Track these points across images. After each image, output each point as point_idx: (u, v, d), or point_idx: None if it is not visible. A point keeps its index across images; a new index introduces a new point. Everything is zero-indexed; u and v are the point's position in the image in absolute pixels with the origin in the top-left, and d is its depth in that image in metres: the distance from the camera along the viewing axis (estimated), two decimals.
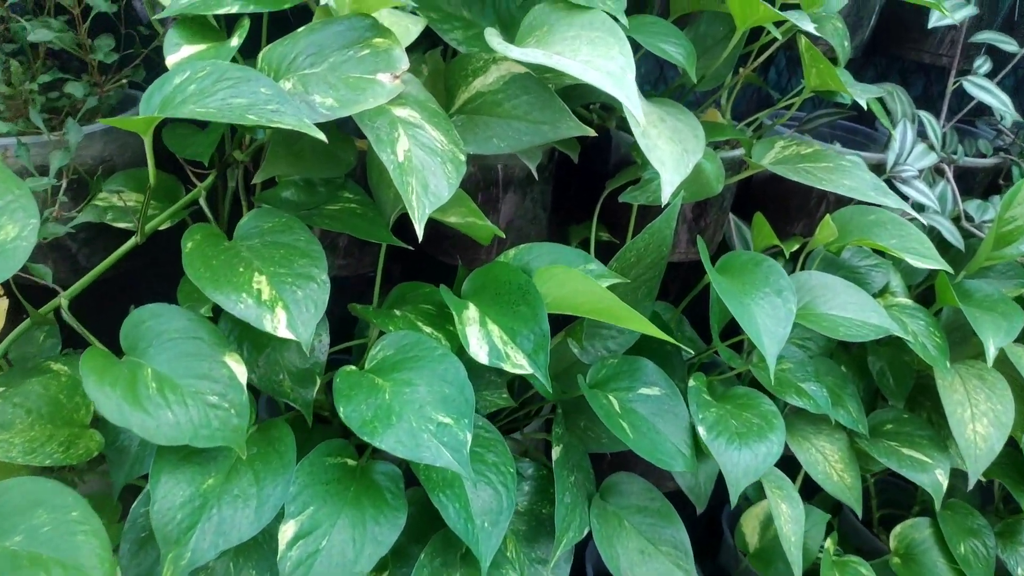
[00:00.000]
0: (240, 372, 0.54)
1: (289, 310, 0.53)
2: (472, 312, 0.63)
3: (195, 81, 0.51)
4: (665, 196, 0.60)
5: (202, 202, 0.64)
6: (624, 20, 0.62)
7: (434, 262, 0.87)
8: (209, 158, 0.65)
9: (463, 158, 0.58)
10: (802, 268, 0.90)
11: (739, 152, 0.85)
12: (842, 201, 0.93)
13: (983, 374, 0.87)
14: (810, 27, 0.62)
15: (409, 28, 0.60)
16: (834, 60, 0.87)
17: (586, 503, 0.70)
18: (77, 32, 0.64)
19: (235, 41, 0.55)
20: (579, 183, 1.03)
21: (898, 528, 0.93)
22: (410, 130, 0.57)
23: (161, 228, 0.64)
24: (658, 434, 0.67)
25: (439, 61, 0.70)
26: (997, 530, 0.99)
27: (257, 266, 0.55)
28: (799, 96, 0.83)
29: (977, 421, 0.84)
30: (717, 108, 0.88)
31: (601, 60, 0.56)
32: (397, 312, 0.65)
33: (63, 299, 0.60)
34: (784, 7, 0.83)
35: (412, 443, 0.55)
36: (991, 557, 0.93)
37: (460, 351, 0.61)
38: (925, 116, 0.93)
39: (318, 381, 0.64)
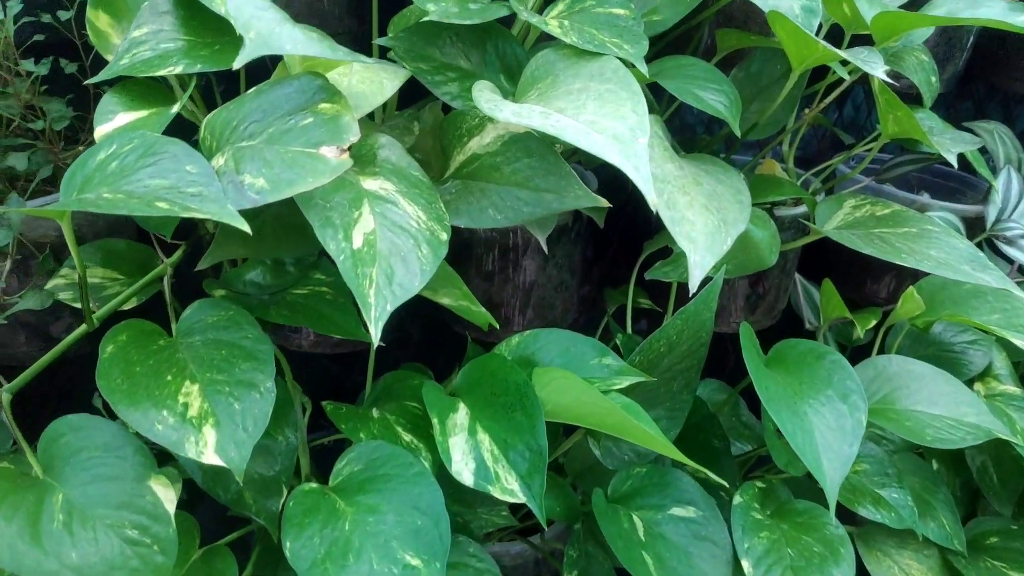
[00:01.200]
0: (168, 499, 0.45)
1: (221, 428, 0.44)
2: (461, 416, 0.53)
3: (119, 157, 0.43)
4: (694, 281, 0.49)
5: (165, 282, 0.56)
6: (643, 67, 0.51)
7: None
8: (174, 229, 0.58)
9: (444, 237, 0.48)
10: (882, 346, 0.76)
11: (803, 209, 0.72)
12: None
13: None
14: (880, 72, 0.50)
15: (384, 84, 0.50)
16: (918, 99, 0.73)
17: None
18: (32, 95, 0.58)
19: (176, 107, 0.47)
20: (620, 238, 0.91)
21: None
22: (379, 206, 0.47)
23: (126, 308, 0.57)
24: (691, 569, 0.54)
25: (439, 115, 0.60)
26: None
27: (191, 372, 0.46)
28: (876, 142, 0.70)
29: None
30: (777, 156, 0.76)
31: (608, 120, 0.46)
32: (375, 413, 0.55)
33: (5, 393, 0.53)
34: (856, 39, 0.70)
35: None
36: None
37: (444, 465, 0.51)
38: None
39: (284, 492, 0.54)
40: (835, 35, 0.73)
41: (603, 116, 0.46)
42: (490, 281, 0.71)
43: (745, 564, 0.55)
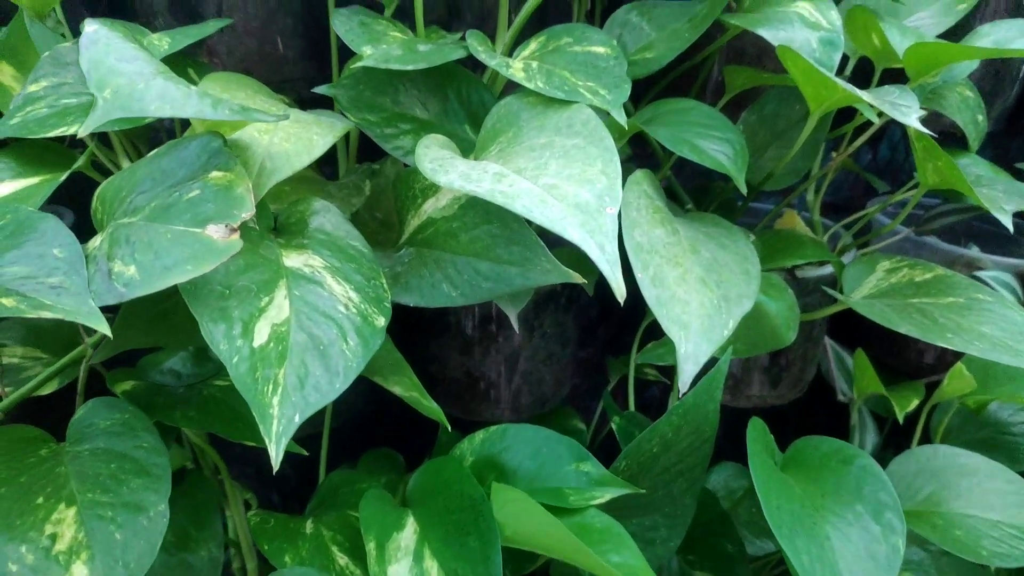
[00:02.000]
0: None
1: (95, 564, 0.36)
2: (408, 536, 0.44)
3: None
4: (684, 379, 0.40)
5: (82, 367, 0.49)
6: (621, 116, 0.42)
7: None
8: None
9: (381, 323, 0.40)
10: (927, 427, 0.65)
11: (830, 269, 0.63)
12: None
13: None
14: (914, 119, 0.40)
15: (314, 141, 0.43)
16: (963, 140, 0.63)
17: None
18: None
19: (64, 176, 0.40)
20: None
21: None
22: (299, 287, 0.39)
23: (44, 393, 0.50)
24: None
25: (402, 168, 0.53)
26: None
27: (70, 491, 0.38)
28: (916, 189, 0.60)
29: None
30: (799, 207, 0.66)
31: (571, 184, 0.37)
32: (309, 527, 0.46)
33: None
34: (889, 74, 0.61)
35: None
36: None
37: None
38: None
39: None
40: (865, 69, 0.64)
41: (566, 179, 0.38)
42: (469, 354, 0.63)
43: None
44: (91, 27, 0.33)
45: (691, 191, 0.70)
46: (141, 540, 0.37)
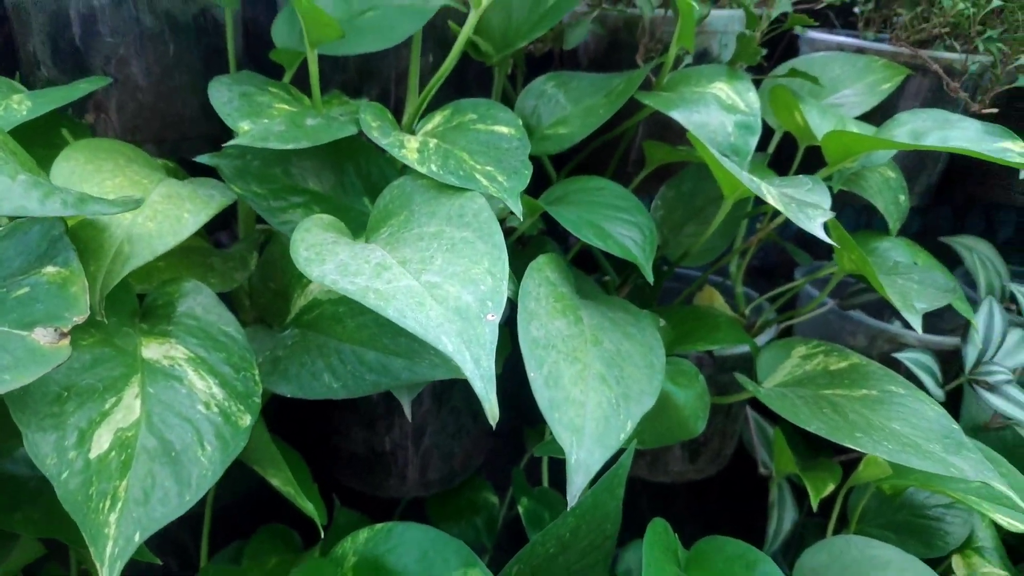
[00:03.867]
0: None
1: None
2: None
3: None
4: (573, 491, 0.37)
5: None
6: (517, 206, 0.40)
7: None
8: None
9: (246, 422, 0.37)
10: (843, 508, 0.64)
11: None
12: None
13: None
14: (817, 228, 0.39)
15: (185, 219, 0.39)
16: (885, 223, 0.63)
17: None
18: None
19: None
20: None
21: None
22: (154, 384, 0.36)
23: None
24: None
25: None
26: None
27: None
28: (833, 274, 0.59)
29: None
30: (726, 283, 0.64)
31: (454, 284, 0.35)
32: None
33: None
34: (811, 150, 0.60)
35: None
36: None
37: None
38: (1021, 292, 0.67)
39: None
40: (790, 143, 0.63)
41: (450, 277, 0.35)
42: (372, 428, 0.60)
43: None
44: None
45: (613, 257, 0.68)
46: None
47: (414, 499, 0.67)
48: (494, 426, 0.31)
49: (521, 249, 0.57)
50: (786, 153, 0.64)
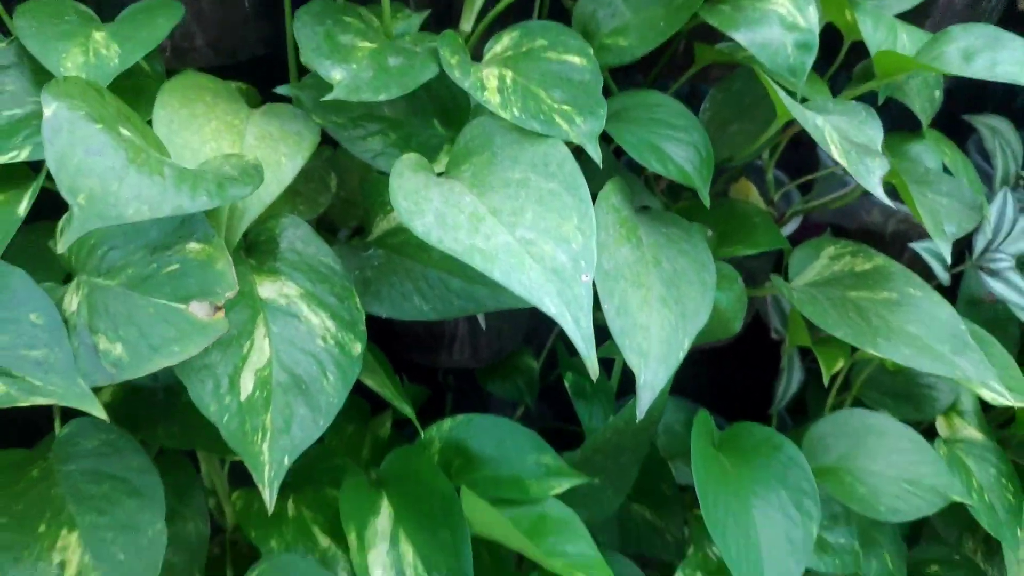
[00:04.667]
0: None
1: None
2: (384, 519, 0.48)
3: None
4: (643, 403, 0.43)
5: None
6: (597, 155, 0.42)
7: None
8: None
9: (358, 349, 0.42)
10: (848, 375, 0.72)
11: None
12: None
13: None
14: (876, 183, 0.42)
15: (283, 164, 0.42)
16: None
17: None
18: None
19: (23, 207, 0.39)
20: None
21: None
22: (277, 323, 0.40)
23: None
24: None
25: (364, 165, 0.52)
26: None
27: (68, 514, 0.41)
28: None
29: None
30: (753, 176, 0.68)
31: (548, 241, 0.38)
32: (291, 509, 0.50)
33: None
34: (856, 46, 0.61)
35: None
36: None
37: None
38: None
39: None
40: (832, 36, 0.63)
41: (543, 233, 0.39)
42: None
43: None
44: (49, 108, 0.31)
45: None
46: (143, 559, 0.41)
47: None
48: (594, 378, 0.37)
49: None
50: (830, 42, 0.64)
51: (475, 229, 0.39)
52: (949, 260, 0.50)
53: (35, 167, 0.42)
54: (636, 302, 0.45)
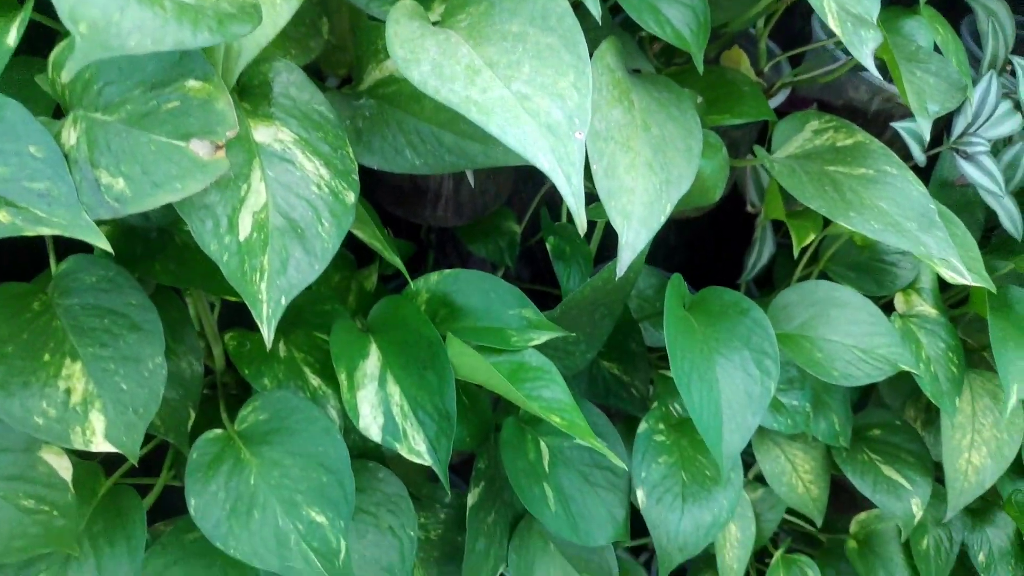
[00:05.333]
0: (63, 467, 0.44)
1: (108, 412, 0.42)
2: (373, 362, 0.51)
3: None
4: (623, 262, 0.45)
5: None
6: (597, 10, 0.42)
7: None
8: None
9: (351, 199, 0.43)
10: (816, 249, 0.74)
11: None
12: None
13: (998, 392, 0.75)
14: (867, 54, 0.42)
15: (276, 3, 0.41)
16: None
17: (507, 533, 0.64)
18: None
19: (12, 37, 0.38)
20: None
21: (863, 515, 0.87)
22: (273, 167, 0.41)
23: None
24: (588, 498, 0.58)
25: (355, 11, 0.50)
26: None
27: (71, 345, 0.42)
28: None
29: (975, 450, 0.73)
30: (745, 45, 0.67)
31: (544, 96, 0.39)
32: (281, 350, 0.53)
33: None
34: None
35: (277, 550, 0.46)
36: (953, 550, 0.87)
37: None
38: (1021, 64, 0.71)
39: (191, 415, 0.54)
40: None
41: (539, 88, 0.39)
42: None
43: (640, 493, 0.59)
44: None
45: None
46: (145, 389, 0.43)
47: None
48: (582, 233, 0.38)
49: None
50: None
51: (471, 81, 0.39)
52: (927, 139, 0.51)
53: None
54: (624, 165, 0.46)
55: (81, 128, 0.36)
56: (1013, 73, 0.71)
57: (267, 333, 0.39)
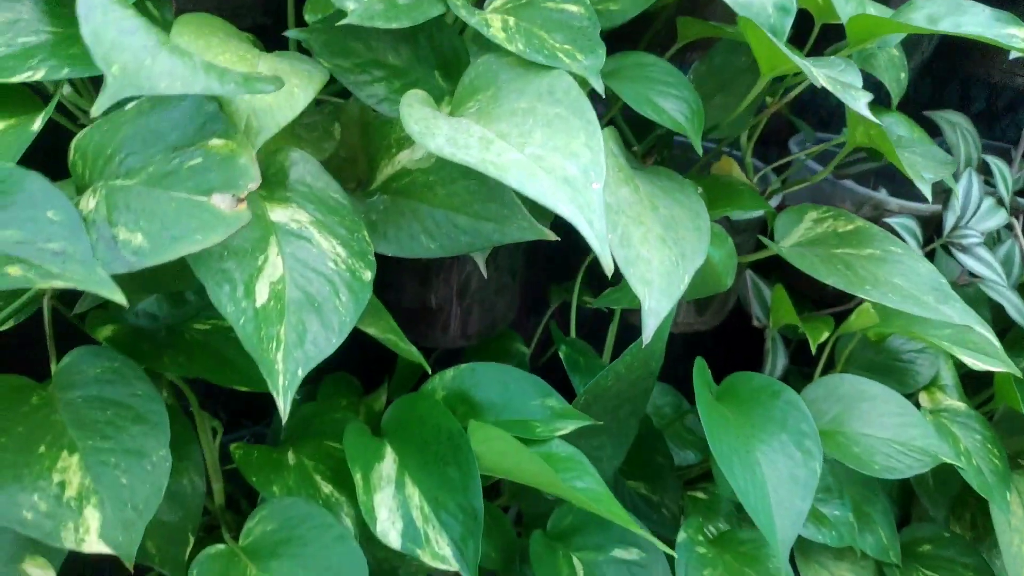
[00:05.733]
0: None
1: (105, 508, 0.38)
2: (388, 465, 0.48)
3: None
4: (648, 331, 0.44)
5: (46, 306, 0.49)
6: (599, 83, 0.44)
7: None
8: None
9: (368, 277, 0.42)
10: (831, 354, 0.73)
11: (760, 213, 0.68)
12: None
13: None
14: (862, 106, 0.44)
15: (295, 94, 0.43)
16: (886, 97, 0.69)
17: None
18: None
19: (38, 123, 0.39)
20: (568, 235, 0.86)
21: None
22: (289, 244, 0.41)
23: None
24: None
25: (366, 111, 0.53)
26: None
27: (70, 438, 0.40)
28: (842, 147, 0.65)
29: None
30: (734, 153, 0.70)
31: (557, 156, 0.40)
32: (291, 458, 0.49)
33: None
34: (827, 28, 0.65)
35: None
36: None
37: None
38: (995, 163, 0.75)
39: (191, 540, 0.49)
40: (804, 20, 0.67)
41: (552, 150, 0.40)
42: (426, 285, 0.66)
43: None
44: None
45: (630, 124, 0.72)
46: (147, 484, 0.40)
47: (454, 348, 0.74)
48: (609, 275, 0.38)
49: None
50: (798, 28, 0.68)
51: (486, 148, 0.40)
52: (930, 198, 0.52)
53: (46, 100, 0.43)
54: (638, 237, 0.47)
55: (101, 195, 0.36)
56: (987, 171, 0.74)
57: (283, 405, 0.37)
